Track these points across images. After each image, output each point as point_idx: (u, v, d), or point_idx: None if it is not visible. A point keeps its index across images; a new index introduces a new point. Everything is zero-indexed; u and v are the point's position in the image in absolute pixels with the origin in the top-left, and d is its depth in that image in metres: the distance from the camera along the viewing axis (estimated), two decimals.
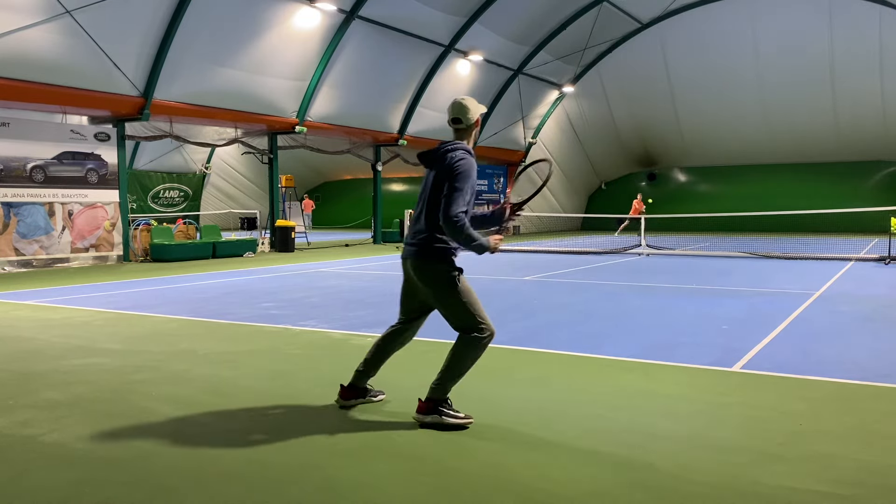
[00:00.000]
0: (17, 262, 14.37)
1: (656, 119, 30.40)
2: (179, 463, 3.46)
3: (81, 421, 4.15)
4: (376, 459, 3.50)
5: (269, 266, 14.99)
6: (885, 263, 14.10)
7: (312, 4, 17.99)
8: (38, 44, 13.86)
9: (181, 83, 16.67)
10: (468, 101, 4.22)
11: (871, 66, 25.10)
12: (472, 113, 4.19)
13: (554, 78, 28.25)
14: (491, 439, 3.80)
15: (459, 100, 4.21)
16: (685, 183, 32.91)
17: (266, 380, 5.11)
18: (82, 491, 3.13)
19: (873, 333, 6.74)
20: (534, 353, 5.97)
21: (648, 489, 3.13)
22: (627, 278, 11.89)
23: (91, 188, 15.73)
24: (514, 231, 30.93)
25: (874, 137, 27.47)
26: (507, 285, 11.00)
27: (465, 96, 4.24)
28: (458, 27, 22.32)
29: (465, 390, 4.80)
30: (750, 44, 26.32)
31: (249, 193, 35.51)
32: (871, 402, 4.48)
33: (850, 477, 3.25)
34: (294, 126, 19.92)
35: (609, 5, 25.07)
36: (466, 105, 4.19)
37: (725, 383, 4.96)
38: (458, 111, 4.18)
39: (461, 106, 4.19)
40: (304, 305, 8.90)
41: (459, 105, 4.19)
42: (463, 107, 4.18)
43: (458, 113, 4.18)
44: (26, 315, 8.26)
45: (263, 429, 3.99)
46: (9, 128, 14.33)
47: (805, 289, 10.18)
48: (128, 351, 6.14)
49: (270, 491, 3.12)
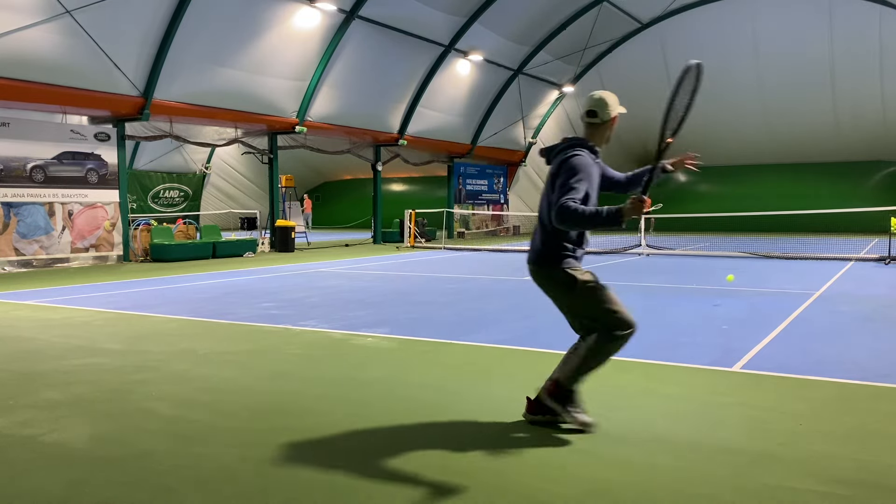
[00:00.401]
0: (17, 262, 14.37)
1: (656, 119, 29.84)
2: (179, 463, 3.46)
3: (81, 421, 4.15)
4: (376, 459, 3.50)
5: (269, 266, 14.99)
6: (885, 263, 14.10)
7: (312, 4, 17.99)
8: (38, 44, 13.86)
9: (181, 83, 16.67)
10: (608, 95, 3.91)
11: (871, 66, 25.10)
12: (610, 109, 3.88)
13: (554, 78, 28.25)
14: (490, 440, 3.79)
15: (599, 93, 3.91)
16: (685, 183, 32.89)
17: (266, 380, 5.11)
18: (82, 491, 3.13)
19: (873, 333, 6.74)
20: (534, 353, 5.97)
21: (648, 489, 3.13)
22: (627, 278, 11.88)
23: (91, 188, 15.73)
24: (515, 231, 30.94)
25: (874, 137, 27.46)
26: (507, 285, 11.00)
27: (606, 91, 3.93)
28: (458, 27, 22.32)
29: (465, 390, 4.80)
30: (750, 44, 26.32)
31: (249, 193, 35.50)
32: (871, 402, 4.48)
33: (850, 477, 3.25)
34: (294, 126, 19.91)
35: (609, 5, 25.07)
36: (605, 99, 3.88)
37: (725, 383, 4.96)
38: (595, 104, 3.88)
39: (600, 100, 3.88)
40: (304, 305, 8.90)
41: (598, 98, 3.88)
42: (601, 100, 3.88)
43: (595, 105, 3.87)
44: (26, 315, 8.26)
45: (263, 429, 3.99)
46: (9, 128, 14.33)
47: (805, 289, 10.17)
48: (128, 351, 6.14)
49: (270, 491, 3.12)
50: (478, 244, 22.16)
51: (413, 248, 20.91)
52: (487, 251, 19.22)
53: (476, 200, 28.78)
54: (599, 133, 3.95)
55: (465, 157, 27.49)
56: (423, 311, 8.35)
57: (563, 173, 3.74)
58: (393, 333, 6.84)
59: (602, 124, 3.92)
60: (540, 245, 3.95)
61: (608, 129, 3.96)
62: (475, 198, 28.74)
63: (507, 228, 30.57)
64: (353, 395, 4.68)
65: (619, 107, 3.95)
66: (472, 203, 28.44)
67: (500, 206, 30.21)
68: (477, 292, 10.12)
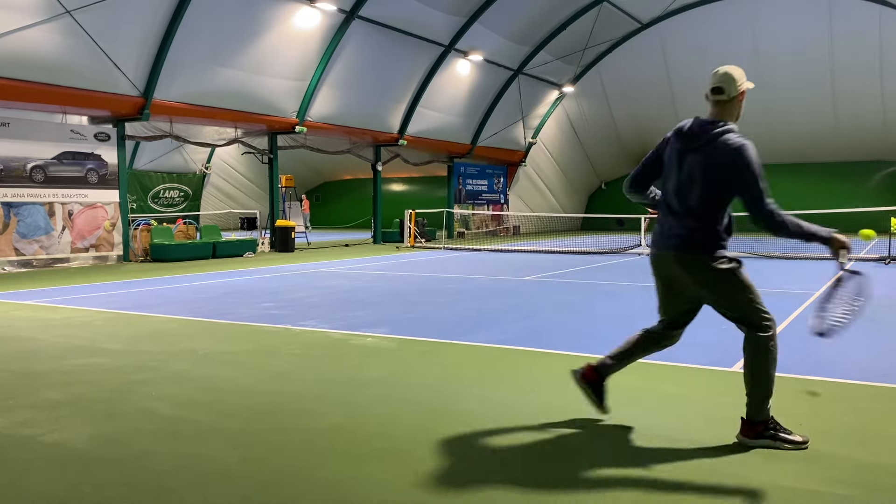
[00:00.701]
0: (17, 262, 14.37)
1: (656, 119, 30.34)
2: (179, 463, 3.46)
3: (81, 421, 4.15)
4: (376, 459, 3.50)
5: (269, 266, 14.99)
6: (885, 263, 14.10)
7: (312, 4, 18.00)
8: (38, 44, 13.87)
9: (181, 83, 16.67)
10: (734, 69, 3.72)
11: (871, 66, 25.10)
12: (738, 83, 3.70)
13: (554, 78, 28.25)
14: (491, 440, 3.80)
15: (724, 68, 3.73)
16: None
17: (266, 380, 5.11)
18: (82, 491, 3.13)
19: (873, 333, 6.74)
20: (534, 353, 5.97)
21: (649, 489, 3.13)
22: (627, 278, 11.88)
23: (91, 188, 15.74)
24: (514, 231, 30.94)
25: (874, 137, 27.47)
26: (507, 285, 11.00)
27: (731, 66, 3.77)
28: (458, 27, 22.32)
29: (465, 391, 4.80)
30: (750, 44, 26.32)
31: (249, 193, 35.51)
32: (871, 402, 4.48)
33: (850, 477, 3.25)
34: (294, 126, 19.92)
35: (609, 5, 25.07)
36: (731, 74, 3.69)
37: (725, 383, 4.96)
38: (721, 80, 3.70)
39: (725, 74, 3.69)
40: (304, 305, 8.90)
41: (724, 73, 3.70)
42: (727, 75, 3.68)
43: (722, 81, 3.69)
44: (26, 315, 8.26)
45: (263, 429, 3.99)
46: (9, 128, 14.33)
47: (805, 289, 10.17)
48: (128, 351, 6.14)
49: (270, 491, 3.12)
50: (478, 244, 22.17)
51: (413, 248, 20.91)
52: (487, 251, 19.22)
53: (476, 200, 28.79)
54: (728, 110, 3.77)
55: (465, 157, 27.49)
56: (422, 311, 8.35)
57: (746, 167, 3.58)
58: (393, 333, 6.84)
59: (730, 101, 3.75)
60: (689, 231, 3.76)
61: (737, 105, 3.78)
62: (475, 198, 28.75)
63: (507, 228, 30.58)
64: (352, 395, 4.68)
65: (746, 81, 3.78)
66: (472, 203, 28.44)
67: (500, 206, 30.21)
68: (477, 292, 10.12)
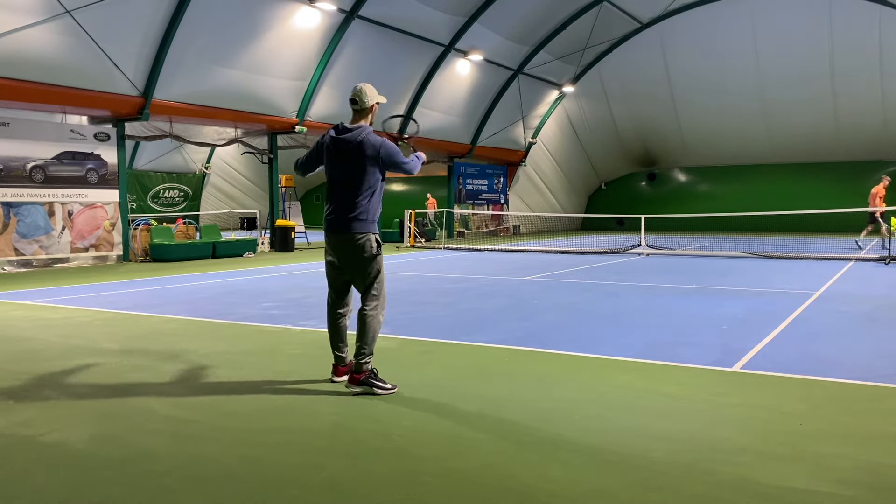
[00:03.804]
0: (17, 262, 14.37)
1: (656, 119, 30.40)
2: (179, 463, 3.46)
3: (81, 421, 4.15)
4: (377, 459, 3.50)
5: (269, 266, 14.99)
6: (885, 263, 14.10)
7: (312, 4, 17.99)
8: (37, 44, 13.86)
9: (181, 83, 16.66)
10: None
11: (871, 66, 25.10)
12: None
13: (554, 78, 28.26)
14: (491, 439, 3.80)
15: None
16: (685, 183, 32.90)
17: (266, 380, 5.11)
18: (82, 491, 3.13)
19: (873, 333, 6.74)
20: (534, 353, 5.97)
21: (648, 489, 3.13)
22: (627, 278, 11.88)
23: (91, 188, 15.73)
24: (514, 231, 30.94)
25: (874, 137, 27.47)
26: (507, 285, 11.00)
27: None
28: (458, 27, 22.32)
29: (465, 391, 4.80)
30: (750, 44, 26.32)
31: (249, 193, 35.51)
32: (871, 402, 4.48)
33: (850, 477, 3.25)
34: (294, 126, 19.92)
35: (609, 5, 25.07)
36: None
37: (725, 383, 4.96)
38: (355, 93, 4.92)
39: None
40: (304, 305, 8.90)
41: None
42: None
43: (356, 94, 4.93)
44: (26, 315, 8.26)
45: (263, 429, 3.99)
46: (9, 128, 14.33)
47: (805, 289, 10.17)
48: (128, 351, 6.13)
49: (270, 491, 3.12)
50: (478, 244, 22.16)
51: (413, 248, 20.91)
52: (487, 251, 19.21)
53: (476, 200, 28.79)
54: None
55: (465, 157, 27.49)
56: (422, 311, 8.34)
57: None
58: (393, 333, 6.83)
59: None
60: None
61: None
62: (475, 198, 28.75)
63: (507, 228, 30.58)
64: (352, 395, 4.68)
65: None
66: (472, 203, 28.45)
67: (499, 206, 30.21)
68: (477, 292, 10.12)
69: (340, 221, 4.74)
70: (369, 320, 4.72)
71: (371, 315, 4.72)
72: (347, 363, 4.95)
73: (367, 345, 4.70)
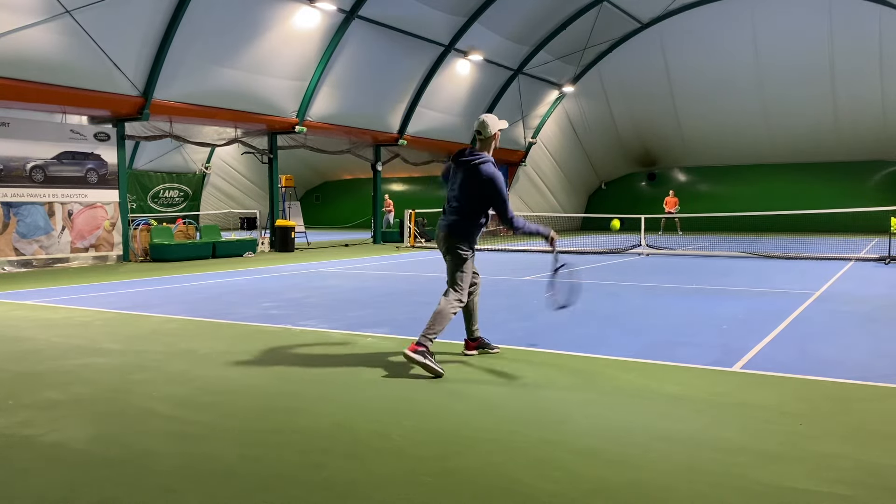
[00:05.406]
0: (17, 262, 14.37)
1: (656, 119, 30.38)
2: (179, 463, 3.46)
3: (81, 421, 4.15)
4: (376, 459, 3.50)
5: (269, 266, 14.99)
6: (885, 263, 14.10)
7: (312, 4, 17.99)
8: (37, 44, 13.86)
9: (181, 83, 16.66)
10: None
11: (871, 66, 25.10)
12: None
13: (554, 78, 28.25)
14: (492, 439, 3.79)
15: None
16: (685, 183, 32.89)
17: (266, 380, 5.11)
18: (82, 491, 3.13)
19: (873, 333, 6.74)
20: (534, 353, 5.97)
21: (648, 489, 3.13)
22: (627, 278, 11.88)
23: (91, 188, 15.73)
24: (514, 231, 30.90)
25: (874, 137, 27.47)
26: (507, 285, 11.00)
27: None
28: (458, 27, 22.32)
29: (465, 391, 4.80)
30: (750, 44, 26.32)
31: (249, 193, 35.51)
32: (871, 402, 4.48)
33: (850, 477, 3.25)
34: (294, 126, 19.92)
35: (609, 5, 25.07)
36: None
37: (725, 383, 4.96)
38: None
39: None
40: (304, 305, 8.90)
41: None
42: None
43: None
44: (26, 315, 8.26)
45: (263, 429, 3.99)
46: (9, 128, 14.33)
47: (805, 289, 10.17)
48: (128, 351, 6.13)
49: (270, 491, 3.12)
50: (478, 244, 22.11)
51: (413, 248, 20.90)
52: (487, 251, 19.21)
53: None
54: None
55: None
56: (422, 311, 8.34)
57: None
58: (393, 333, 6.84)
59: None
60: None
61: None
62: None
63: None
64: (352, 395, 4.68)
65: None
66: None
67: None
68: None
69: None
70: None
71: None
72: (476, 338, 5.80)
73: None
